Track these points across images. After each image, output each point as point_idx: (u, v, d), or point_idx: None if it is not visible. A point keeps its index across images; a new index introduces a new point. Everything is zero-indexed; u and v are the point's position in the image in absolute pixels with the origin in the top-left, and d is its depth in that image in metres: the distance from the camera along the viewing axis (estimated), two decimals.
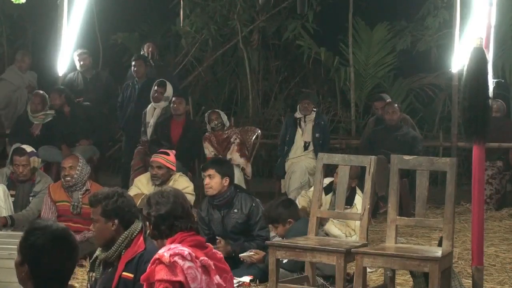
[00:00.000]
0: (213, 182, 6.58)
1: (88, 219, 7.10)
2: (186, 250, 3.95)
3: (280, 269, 5.58)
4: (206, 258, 4.00)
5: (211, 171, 6.59)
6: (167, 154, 7.45)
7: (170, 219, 4.24)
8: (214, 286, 3.99)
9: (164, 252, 3.92)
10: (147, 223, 4.38)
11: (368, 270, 5.85)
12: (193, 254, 3.96)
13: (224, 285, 4.08)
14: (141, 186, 7.49)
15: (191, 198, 7.00)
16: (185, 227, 4.19)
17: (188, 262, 3.90)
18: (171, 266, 3.87)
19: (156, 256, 3.93)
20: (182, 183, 7.29)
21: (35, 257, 3.05)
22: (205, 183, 6.64)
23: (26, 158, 7.63)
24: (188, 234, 4.15)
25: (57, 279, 3.09)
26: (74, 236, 3.18)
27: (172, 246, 4.00)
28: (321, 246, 5.25)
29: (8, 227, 7.30)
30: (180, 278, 3.86)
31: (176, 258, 3.89)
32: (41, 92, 9.67)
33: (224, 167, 6.78)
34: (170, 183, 7.25)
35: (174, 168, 7.46)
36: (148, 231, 4.44)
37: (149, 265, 3.98)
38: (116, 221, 4.46)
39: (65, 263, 3.10)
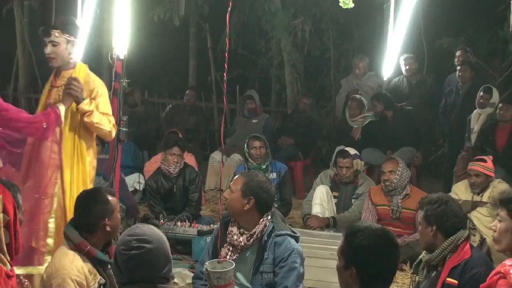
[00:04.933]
0: None
1: (408, 223, 7.33)
2: None
3: None
4: None
5: None
6: (485, 161, 7.38)
7: None
8: None
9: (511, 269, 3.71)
10: None
11: None
12: None
13: None
14: (459, 193, 7.49)
15: None
16: None
17: None
18: None
19: (500, 269, 3.76)
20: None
21: (362, 259, 3.21)
22: None
23: (349, 160, 7.97)
24: None
25: (382, 279, 3.24)
26: (394, 235, 3.38)
27: None
28: None
29: (330, 227, 7.71)
30: None
31: None
32: (357, 96, 10.06)
33: None
34: (488, 190, 7.24)
35: (492, 175, 7.36)
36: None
37: (490, 275, 3.83)
38: (434, 227, 4.65)
39: (389, 262, 3.25)
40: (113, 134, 5.57)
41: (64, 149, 5.29)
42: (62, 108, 5.19)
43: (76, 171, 5.37)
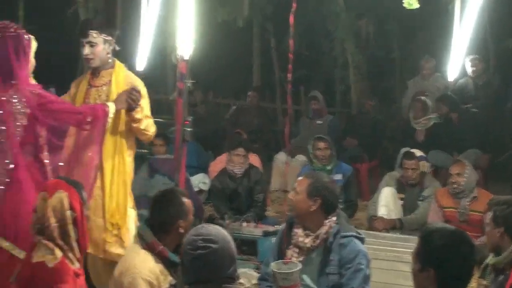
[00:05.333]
0: None
1: (475, 226, 7.19)
2: None
3: None
4: None
5: None
6: None
7: None
8: None
9: None
10: None
11: None
12: None
13: None
14: None
15: None
16: None
17: None
18: None
19: None
20: None
21: (440, 260, 3.16)
22: None
23: (415, 162, 7.86)
24: None
25: (459, 281, 3.18)
26: (468, 234, 3.31)
27: None
28: None
29: (396, 229, 7.62)
30: None
31: None
32: (422, 98, 9.95)
33: None
34: None
35: None
36: None
37: None
38: (502, 229, 4.54)
39: (467, 263, 3.19)
40: (153, 134, 5.60)
41: (105, 149, 5.27)
42: (112, 108, 5.08)
43: (116, 171, 5.36)
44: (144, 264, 4.21)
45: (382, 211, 7.79)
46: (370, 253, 5.06)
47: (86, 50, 5.37)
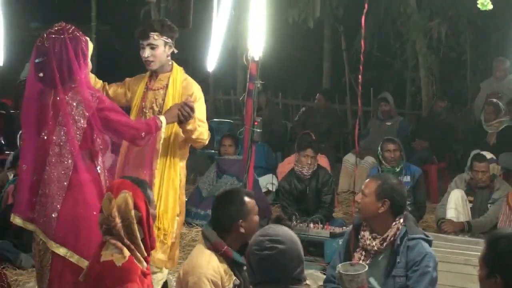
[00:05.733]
0: None
1: None
2: None
3: None
4: None
5: None
6: None
7: None
8: None
9: None
10: None
11: None
12: None
13: None
14: None
15: None
16: None
17: None
18: None
19: None
20: None
21: (507, 267, 3.11)
22: None
23: (485, 164, 7.78)
24: None
25: None
26: None
27: None
28: None
29: (465, 232, 7.53)
30: None
31: None
32: (494, 100, 9.85)
33: None
34: None
35: None
36: None
37: None
38: None
39: None
40: (207, 140, 5.48)
41: None
42: (163, 122, 4.88)
43: (166, 176, 5.28)
44: (209, 264, 4.24)
45: (451, 214, 7.73)
46: (438, 256, 5.02)
47: (147, 52, 5.28)
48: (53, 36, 4.37)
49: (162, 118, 4.88)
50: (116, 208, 3.79)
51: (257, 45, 5.67)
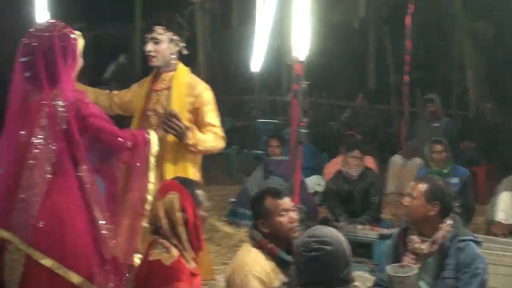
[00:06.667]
0: None
1: None
2: None
3: None
4: None
5: None
6: None
7: None
8: None
9: None
10: None
11: None
12: None
13: None
14: None
15: None
16: None
17: None
18: None
19: None
20: None
21: None
22: None
23: None
24: None
25: None
26: None
27: None
28: None
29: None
30: None
31: None
32: None
33: None
34: None
35: None
36: None
37: None
38: None
39: None
40: (222, 146, 5.16)
41: (166, 157, 4.88)
42: (153, 136, 4.36)
43: None
44: (255, 262, 4.21)
45: (500, 216, 7.64)
46: (488, 258, 4.97)
47: (149, 46, 4.94)
48: (40, 34, 4.02)
49: (151, 131, 4.41)
50: (162, 209, 3.79)
51: (302, 45, 5.62)
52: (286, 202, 4.37)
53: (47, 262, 3.83)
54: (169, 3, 12.50)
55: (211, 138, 4.98)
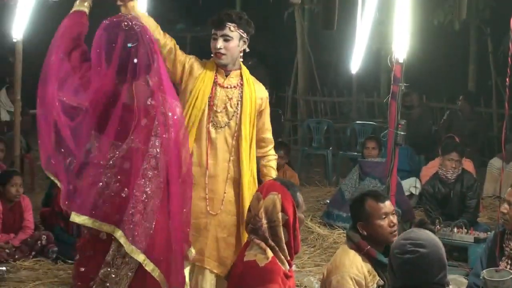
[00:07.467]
0: None
1: None
2: None
3: None
4: None
5: None
6: None
7: None
8: None
9: None
10: None
11: None
12: None
13: None
14: None
15: None
16: None
17: None
18: None
19: None
20: None
21: None
22: None
23: None
24: None
25: None
26: None
27: None
28: None
29: None
30: None
31: None
32: None
33: None
34: None
35: None
36: None
37: None
38: None
39: None
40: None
41: (243, 159, 4.80)
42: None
43: (253, 185, 4.88)
44: (352, 263, 4.21)
45: None
46: None
47: (219, 43, 4.72)
48: (132, 23, 3.74)
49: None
50: (263, 209, 3.82)
51: (402, 47, 5.57)
52: (387, 205, 4.35)
53: (140, 257, 3.73)
54: (269, 4, 12.60)
55: (275, 163, 5.06)
